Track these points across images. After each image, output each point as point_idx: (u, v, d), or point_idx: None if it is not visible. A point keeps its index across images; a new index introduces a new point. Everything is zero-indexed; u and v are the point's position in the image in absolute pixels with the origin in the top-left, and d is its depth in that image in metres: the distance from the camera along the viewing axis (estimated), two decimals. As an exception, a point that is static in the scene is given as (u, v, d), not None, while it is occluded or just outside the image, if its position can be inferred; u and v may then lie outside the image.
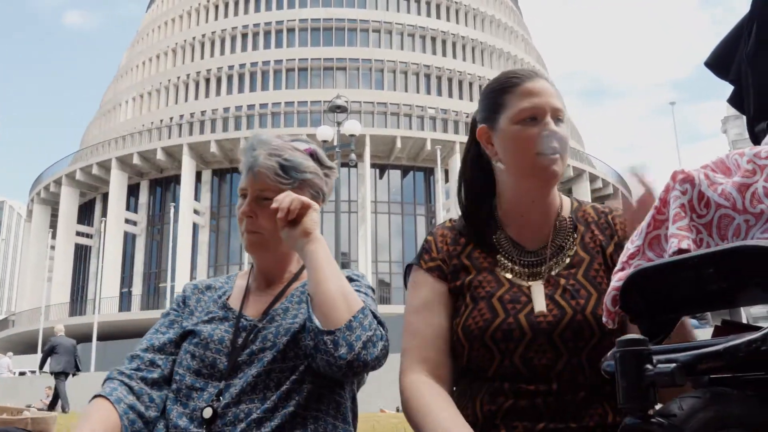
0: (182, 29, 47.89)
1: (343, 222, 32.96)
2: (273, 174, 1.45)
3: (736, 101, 1.51)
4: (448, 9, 47.82)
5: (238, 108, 43.21)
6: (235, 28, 45.90)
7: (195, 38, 46.50)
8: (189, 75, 45.17)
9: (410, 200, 41.50)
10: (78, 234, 43.45)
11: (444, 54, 45.74)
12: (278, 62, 44.30)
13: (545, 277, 1.35)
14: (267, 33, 45.56)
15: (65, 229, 41.82)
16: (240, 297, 1.53)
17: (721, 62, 1.53)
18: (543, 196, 1.40)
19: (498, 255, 1.39)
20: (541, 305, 1.31)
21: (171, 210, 37.44)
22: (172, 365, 1.47)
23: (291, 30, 45.49)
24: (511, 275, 1.37)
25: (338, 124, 16.83)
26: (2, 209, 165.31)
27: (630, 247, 1.07)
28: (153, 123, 44.43)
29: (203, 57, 45.74)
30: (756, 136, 1.40)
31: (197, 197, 40.19)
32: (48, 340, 14.38)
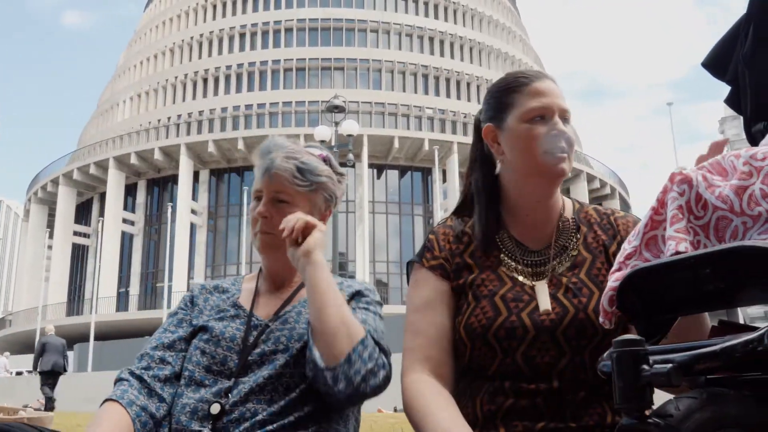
0: (180, 29, 47.82)
1: (341, 222, 32.90)
2: (290, 176, 1.47)
3: (733, 102, 1.51)
4: (446, 9, 47.79)
5: (236, 108, 43.14)
6: (233, 28, 45.83)
7: (193, 38, 46.43)
8: (187, 75, 45.10)
9: (408, 200, 41.48)
10: (75, 234, 43.36)
11: (442, 54, 45.72)
12: (276, 62, 44.24)
13: (548, 277, 1.36)
14: (265, 33, 45.49)
15: (62, 229, 41.73)
16: (250, 298, 1.54)
17: (718, 63, 1.53)
18: (547, 196, 1.41)
19: (501, 254, 1.40)
20: (546, 304, 1.31)
21: (168, 210, 37.34)
22: (182, 362, 1.47)
23: (289, 30, 45.43)
24: (514, 274, 1.37)
25: (336, 124, 16.81)
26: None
27: (627, 248, 1.07)
28: (150, 123, 44.35)
29: (201, 57, 45.67)
30: (753, 137, 1.40)
31: (195, 197, 40.13)
32: (39, 340, 14.39)
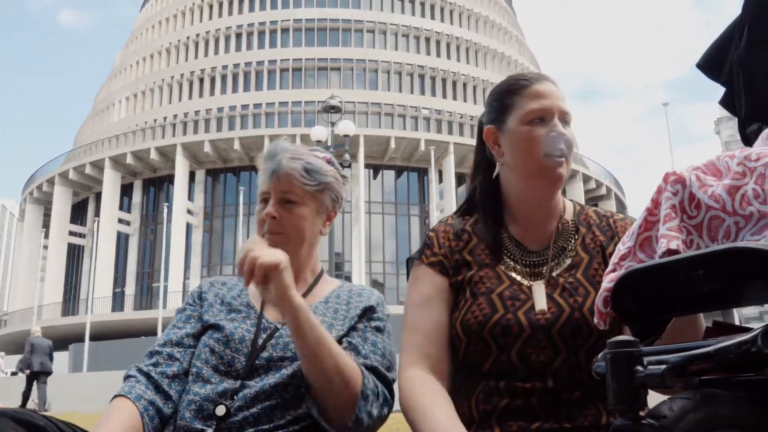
0: (176, 29, 47.75)
1: (337, 222, 32.69)
2: (298, 175, 1.49)
3: (728, 103, 1.51)
4: (442, 9, 47.81)
5: (232, 108, 43.09)
6: (229, 28, 45.78)
7: (189, 38, 46.36)
8: (183, 75, 45.03)
9: (404, 200, 41.50)
10: (71, 234, 43.25)
11: (438, 54, 45.74)
12: (272, 62, 44.20)
13: (546, 278, 1.36)
14: (261, 33, 45.45)
15: (58, 229, 41.63)
16: (260, 299, 1.53)
17: (713, 64, 1.53)
18: (548, 199, 1.42)
19: (500, 253, 1.41)
20: (542, 305, 1.32)
21: (164, 210, 37.28)
22: (191, 358, 1.48)
23: (285, 30, 45.40)
24: (513, 274, 1.38)
25: (332, 125, 16.81)
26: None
27: (621, 249, 1.08)
28: (146, 123, 44.27)
29: (197, 57, 45.59)
30: (747, 138, 1.40)
31: (191, 197, 40.08)
32: (26, 341, 14.44)
